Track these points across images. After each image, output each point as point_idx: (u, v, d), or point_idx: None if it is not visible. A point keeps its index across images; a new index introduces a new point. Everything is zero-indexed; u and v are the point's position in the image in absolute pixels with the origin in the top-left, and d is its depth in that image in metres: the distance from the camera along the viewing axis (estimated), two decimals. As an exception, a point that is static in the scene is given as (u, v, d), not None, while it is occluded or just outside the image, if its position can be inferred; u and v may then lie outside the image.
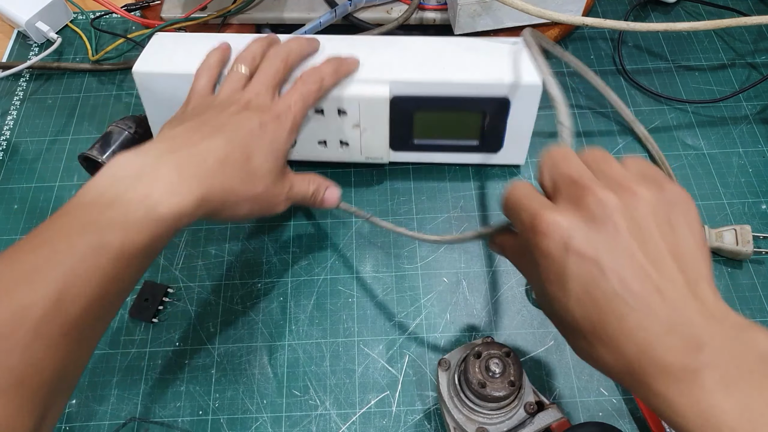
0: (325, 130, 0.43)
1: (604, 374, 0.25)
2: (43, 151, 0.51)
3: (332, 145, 0.44)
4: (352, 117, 0.42)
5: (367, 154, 0.45)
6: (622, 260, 0.23)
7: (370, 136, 0.43)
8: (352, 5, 0.52)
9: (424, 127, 0.44)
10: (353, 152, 0.44)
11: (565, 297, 0.24)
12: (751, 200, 0.46)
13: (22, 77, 0.56)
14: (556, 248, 0.24)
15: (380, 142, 0.44)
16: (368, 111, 0.42)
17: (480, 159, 0.47)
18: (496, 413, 0.32)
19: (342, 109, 0.41)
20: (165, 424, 0.38)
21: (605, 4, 0.59)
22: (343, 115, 0.42)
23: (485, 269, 0.44)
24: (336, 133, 0.43)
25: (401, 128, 0.43)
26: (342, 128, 0.43)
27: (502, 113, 0.42)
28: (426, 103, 0.42)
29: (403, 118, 0.43)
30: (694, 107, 0.52)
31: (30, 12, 0.56)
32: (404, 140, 0.44)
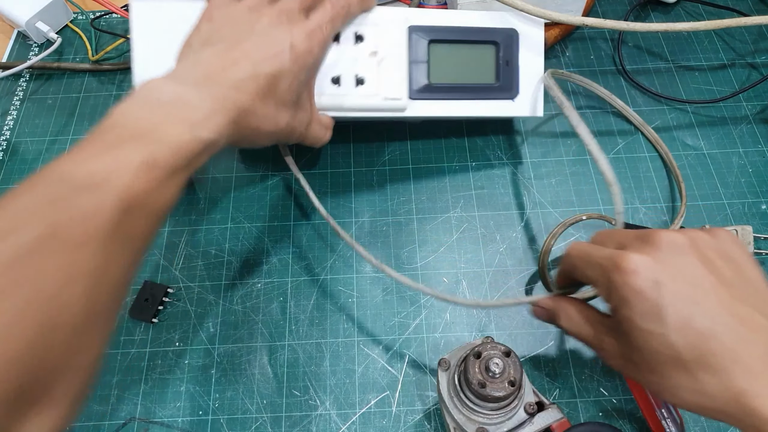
0: (340, 63, 0.40)
1: (703, 412, 0.25)
2: (43, 151, 0.51)
3: (347, 83, 0.40)
4: (369, 43, 0.40)
5: (385, 94, 0.41)
6: (710, 290, 0.25)
7: (389, 67, 0.41)
8: (352, 5, 0.52)
9: (440, 65, 0.43)
10: (369, 92, 0.40)
11: (665, 329, 0.25)
12: (751, 200, 0.46)
13: (22, 77, 0.56)
14: (646, 283, 0.26)
15: (399, 75, 0.41)
16: (387, 35, 0.41)
17: (500, 109, 0.44)
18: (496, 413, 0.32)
19: (360, 34, 0.40)
20: (165, 424, 0.38)
21: (605, 4, 0.59)
22: (359, 43, 0.40)
23: (485, 269, 0.44)
24: (351, 66, 0.40)
25: (418, 65, 0.42)
26: (358, 58, 0.40)
27: (513, 46, 0.44)
28: (441, 34, 0.42)
29: (419, 50, 0.42)
30: (694, 107, 0.52)
31: (30, 12, 0.56)
32: (421, 82, 0.42)
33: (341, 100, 0.40)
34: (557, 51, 0.55)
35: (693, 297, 0.25)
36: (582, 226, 0.45)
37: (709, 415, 0.26)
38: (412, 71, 0.42)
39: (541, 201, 0.47)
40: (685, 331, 0.25)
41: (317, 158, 0.49)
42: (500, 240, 0.45)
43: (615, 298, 0.27)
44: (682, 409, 0.28)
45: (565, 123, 0.51)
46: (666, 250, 0.27)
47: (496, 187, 0.48)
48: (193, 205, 0.47)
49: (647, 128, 0.49)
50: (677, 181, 0.46)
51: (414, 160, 0.49)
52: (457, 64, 0.43)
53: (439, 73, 0.43)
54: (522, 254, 0.44)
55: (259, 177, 0.48)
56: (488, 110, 0.44)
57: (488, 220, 0.46)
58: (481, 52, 0.44)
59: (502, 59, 0.44)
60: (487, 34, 0.43)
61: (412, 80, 0.42)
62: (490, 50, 0.44)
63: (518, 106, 0.44)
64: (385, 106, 0.41)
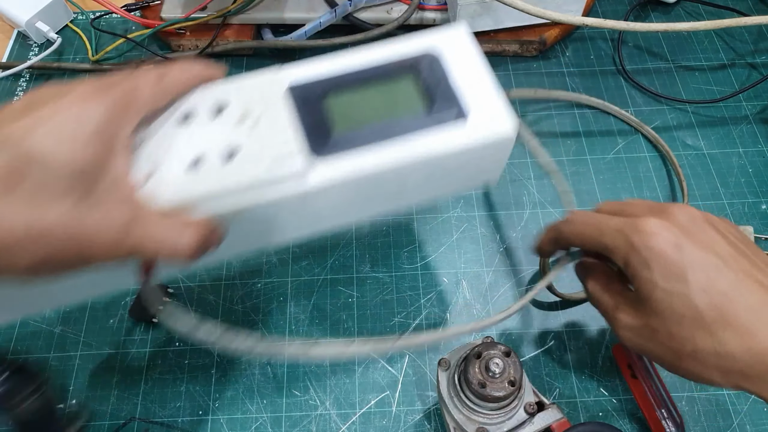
0: (197, 143, 0.28)
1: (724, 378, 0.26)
2: (43, 151, 0.51)
3: (211, 162, 0.27)
4: (234, 110, 0.29)
5: (271, 159, 0.28)
6: (729, 257, 0.26)
7: (269, 134, 0.28)
8: (352, 5, 0.52)
9: (344, 114, 0.30)
10: (247, 163, 0.27)
11: (688, 289, 0.26)
12: (751, 200, 0.46)
13: (22, 77, 0.56)
14: (668, 245, 0.26)
15: (285, 142, 0.28)
16: (258, 97, 0.29)
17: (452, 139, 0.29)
18: (496, 413, 0.32)
19: (219, 106, 0.29)
20: (165, 424, 0.38)
21: (605, 4, 0.59)
22: (220, 116, 0.29)
23: (485, 269, 0.44)
24: (214, 141, 0.28)
25: (313, 122, 0.30)
26: (222, 131, 0.28)
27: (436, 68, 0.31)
28: (336, 83, 0.31)
29: (311, 110, 0.30)
30: (694, 107, 0.52)
31: (30, 12, 0.56)
32: (323, 137, 0.29)
33: (206, 186, 0.27)
34: (557, 51, 0.55)
35: (714, 262, 0.26)
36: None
37: (729, 383, 0.26)
38: (305, 127, 0.29)
39: (541, 201, 0.47)
40: (709, 292, 0.25)
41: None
42: (500, 240, 0.45)
43: (635, 261, 0.27)
44: (701, 383, 0.27)
45: (565, 123, 0.51)
46: (683, 220, 0.27)
47: (496, 187, 0.48)
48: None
49: (646, 128, 0.49)
50: (679, 180, 0.46)
51: (414, 160, 0.49)
52: (371, 108, 0.31)
53: (347, 121, 0.30)
54: (522, 254, 0.44)
55: (259, 177, 0.48)
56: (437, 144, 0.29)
57: (488, 220, 0.46)
58: (396, 87, 0.31)
59: (428, 85, 0.31)
60: (398, 67, 0.31)
61: (307, 137, 0.29)
62: (409, 81, 0.31)
63: (476, 127, 0.30)
64: (276, 176, 0.27)
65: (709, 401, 0.38)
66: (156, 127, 0.28)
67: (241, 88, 0.29)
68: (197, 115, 0.29)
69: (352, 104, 0.31)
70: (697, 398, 0.39)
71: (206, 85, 0.29)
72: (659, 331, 0.27)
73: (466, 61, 0.31)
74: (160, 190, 0.27)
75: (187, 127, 0.28)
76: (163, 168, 0.27)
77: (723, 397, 0.39)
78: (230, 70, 0.55)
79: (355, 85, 0.31)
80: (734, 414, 0.38)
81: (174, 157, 0.27)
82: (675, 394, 0.38)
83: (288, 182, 0.28)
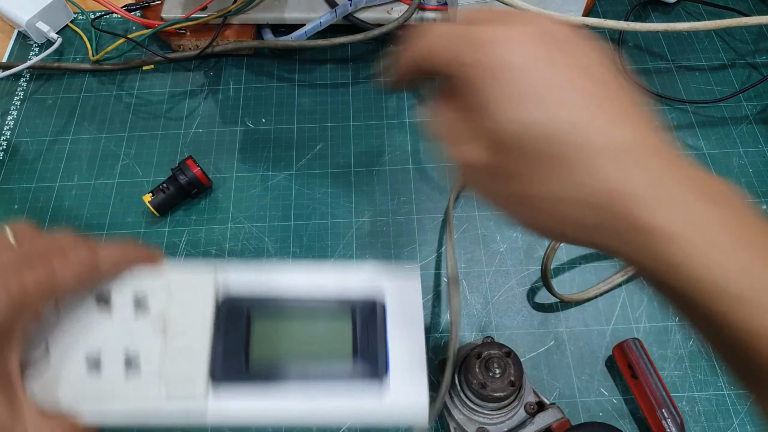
0: (105, 337, 0.27)
1: (573, 209, 0.21)
2: (43, 151, 0.51)
3: (111, 367, 0.26)
4: (154, 311, 0.27)
5: (170, 384, 0.26)
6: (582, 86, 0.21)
7: (179, 348, 0.27)
8: (352, 5, 0.52)
9: (267, 341, 0.28)
10: (145, 382, 0.26)
11: (543, 104, 0.20)
12: (751, 200, 0.46)
13: (22, 77, 0.56)
14: (517, 58, 0.21)
15: (194, 361, 0.27)
16: (184, 302, 0.28)
17: (358, 402, 0.27)
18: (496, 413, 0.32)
19: (141, 298, 0.28)
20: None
21: (605, 4, 0.59)
22: (140, 311, 0.27)
23: (485, 269, 0.44)
24: (122, 341, 0.27)
25: (230, 341, 0.28)
26: (134, 331, 0.27)
27: (375, 316, 0.29)
28: (270, 305, 0.29)
29: (234, 324, 0.28)
30: (694, 107, 0.52)
31: (30, 12, 0.56)
32: (235, 364, 0.27)
33: (101, 397, 0.26)
34: (557, 51, 0.55)
35: (567, 85, 0.21)
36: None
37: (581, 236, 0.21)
38: (219, 351, 0.27)
39: (541, 201, 0.47)
40: (568, 104, 0.20)
41: (317, 158, 0.49)
42: (500, 240, 0.45)
43: (477, 80, 0.21)
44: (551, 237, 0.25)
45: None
46: (538, 33, 0.22)
47: (497, 187, 0.47)
48: (193, 205, 0.47)
49: None
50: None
51: (414, 160, 0.49)
52: (294, 343, 0.29)
53: (262, 351, 0.28)
54: (522, 254, 0.44)
55: (260, 177, 0.49)
56: (341, 403, 0.27)
57: (488, 220, 0.46)
58: (328, 328, 0.29)
59: (360, 336, 0.29)
60: (338, 305, 0.29)
61: (216, 363, 0.27)
62: (343, 325, 0.29)
63: (390, 403, 0.27)
64: (173, 407, 0.26)
65: (710, 401, 0.38)
66: (69, 302, 0.27)
67: (170, 286, 0.28)
68: (115, 305, 0.27)
69: (276, 333, 0.29)
70: (698, 398, 0.39)
71: (137, 270, 0.28)
72: (505, 166, 0.22)
73: (408, 319, 0.29)
74: (56, 383, 0.26)
75: (101, 316, 0.27)
76: (65, 360, 0.26)
77: (723, 397, 0.39)
78: (231, 70, 0.55)
79: (287, 312, 0.29)
80: (734, 414, 0.38)
81: (78, 350, 0.26)
82: (675, 394, 0.38)
83: (184, 413, 0.26)
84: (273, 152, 0.50)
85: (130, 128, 0.52)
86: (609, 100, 0.21)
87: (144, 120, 0.52)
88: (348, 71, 0.55)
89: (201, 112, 0.53)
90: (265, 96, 0.53)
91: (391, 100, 0.53)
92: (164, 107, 0.53)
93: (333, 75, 0.55)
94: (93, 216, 0.47)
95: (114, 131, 0.52)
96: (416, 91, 0.29)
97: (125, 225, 0.46)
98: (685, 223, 0.19)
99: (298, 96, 0.53)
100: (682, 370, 0.40)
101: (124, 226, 0.46)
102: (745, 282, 0.18)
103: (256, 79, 0.55)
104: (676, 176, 0.20)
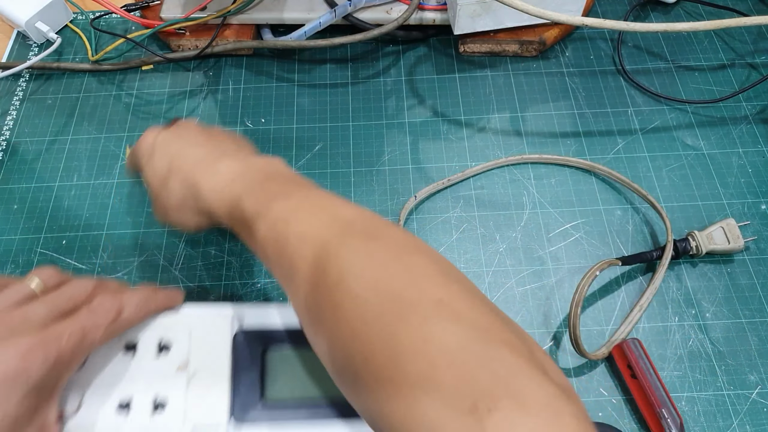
0: (134, 381, 0.29)
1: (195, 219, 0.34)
2: (43, 151, 0.51)
3: (140, 410, 0.29)
4: (177, 354, 0.30)
5: (195, 420, 0.29)
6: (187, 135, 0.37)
7: (203, 385, 0.29)
8: (351, 5, 0.52)
9: (281, 376, 0.31)
10: (172, 421, 0.28)
11: (154, 160, 0.36)
12: (751, 200, 0.46)
13: (21, 77, 0.56)
14: (145, 140, 0.37)
15: (218, 393, 0.29)
16: (203, 343, 0.30)
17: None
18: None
19: (164, 344, 0.30)
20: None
21: (605, 4, 0.59)
22: (163, 354, 0.30)
23: (485, 269, 0.44)
24: (150, 385, 0.29)
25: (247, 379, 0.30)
26: (159, 375, 0.29)
27: None
28: (283, 339, 0.31)
29: (249, 360, 0.31)
30: (694, 107, 0.52)
31: (30, 12, 0.56)
32: (252, 400, 0.30)
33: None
34: (557, 51, 0.55)
35: (170, 141, 0.36)
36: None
37: (202, 222, 0.34)
38: (238, 387, 0.30)
39: (541, 201, 0.47)
40: (167, 159, 0.35)
41: (317, 159, 0.49)
42: (500, 240, 0.45)
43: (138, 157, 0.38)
44: (189, 230, 0.35)
45: (565, 123, 0.51)
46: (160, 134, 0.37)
47: (496, 187, 0.48)
48: (192, 205, 0.47)
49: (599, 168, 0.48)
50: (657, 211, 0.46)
51: (414, 160, 0.49)
52: (308, 374, 0.31)
53: (280, 386, 0.31)
54: (522, 254, 0.44)
55: (259, 177, 0.48)
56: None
57: (488, 220, 0.46)
58: None
59: None
60: None
61: (237, 399, 0.30)
62: None
63: None
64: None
65: (709, 401, 0.38)
66: (98, 351, 0.30)
67: (190, 327, 0.31)
68: (140, 349, 0.30)
69: (292, 366, 0.31)
70: (697, 398, 0.39)
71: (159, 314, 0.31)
72: (157, 198, 0.35)
73: None
74: (89, 424, 0.28)
75: (129, 360, 0.30)
76: (96, 403, 0.29)
77: (723, 397, 0.39)
78: (230, 70, 0.55)
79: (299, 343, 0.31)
80: (734, 414, 0.38)
81: (109, 393, 0.29)
82: (675, 394, 0.38)
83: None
84: (272, 152, 0.50)
85: (130, 128, 0.52)
86: (205, 141, 0.36)
87: (143, 120, 0.52)
88: (347, 71, 0.55)
89: (200, 112, 0.53)
90: (264, 96, 0.53)
91: (391, 100, 0.53)
92: (164, 107, 0.53)
93: (332, 75, 0.55)
94: (92, 216, 0.47)
95: (113, 131, 0.52)
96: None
97: (125, 225, 0.46)
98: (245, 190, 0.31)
99: (297, 96, 0.53)
100: (681, 370, 0.40)
101: (124, 226, 0.46)
102: (253, 202, 0.30)
103: (256, 79, 0.55)
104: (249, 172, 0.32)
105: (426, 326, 0.22)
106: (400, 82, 0.54)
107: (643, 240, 0.45)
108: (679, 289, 0.42)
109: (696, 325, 0.41)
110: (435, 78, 0.54)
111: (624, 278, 0.43)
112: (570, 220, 0.46)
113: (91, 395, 0.29)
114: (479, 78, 0.54)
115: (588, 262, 0.44)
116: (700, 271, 0.43)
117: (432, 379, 0.21)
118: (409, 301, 0.23)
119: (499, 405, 0.19)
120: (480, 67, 0.55)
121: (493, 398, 0.20)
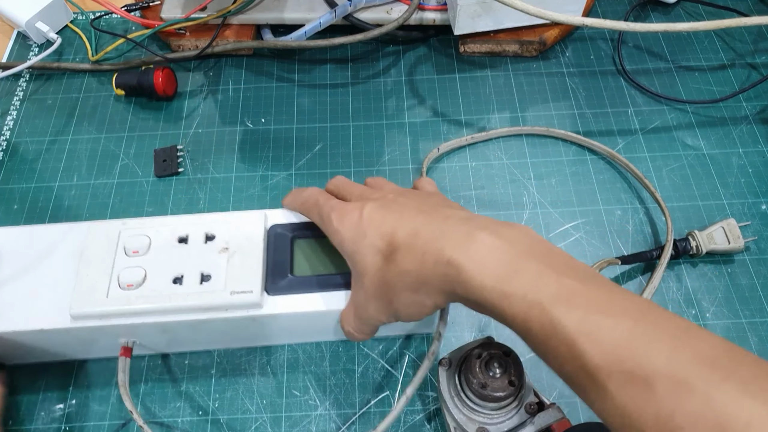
0: (185, 263, 0.36)
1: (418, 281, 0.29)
2: (43, 151, 0.51)
3: (190, 282, 0.36)
4: (220, 241, 0.37)
5: (233, 288, 0.35)
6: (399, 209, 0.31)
7: (240, 262, 0.36)
8: (352, 6, 0.52)
9: (304, 258, 0.38)
10: (215, 288, 0.35)
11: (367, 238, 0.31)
12: (751, 200, 0.46)
13: (22, 77, 0.56)
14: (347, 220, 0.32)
15: (252, 269, 0.36)
16: (242, 233, 0.37)
17: None
18: (496, 413, 0.32)
19: (211, 234, 0.37)
20: (165, 425, 0.38)
21: (605, 4, 0.59)
22: (209, 242, 0.37)
23: (485, 269, 0.44)
24: (197, 264, 0.36)
25: (279, 260, 0.37)
26: (205, 256, 0.37)
27: None
28: (306, 231, 0.38)
29: (280, 247, 0.38)
30: (694, 107, 0.52)
31: (30, 12, 0.56)
32: (283, 276, 0.37)
33: (181, 301, 0.35)
34: (557, 51, 0.55)
35: (382, 211, 0.31)
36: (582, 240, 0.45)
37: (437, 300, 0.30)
38: (271, 266, 0.37)
39: (541, 201, 0.47)
40: (382, 233, 0.30)
41: (317, 159, 0.49)
42: (500, 240, 0.45)
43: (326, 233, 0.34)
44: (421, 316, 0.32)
45: (565, 123, 0.51)
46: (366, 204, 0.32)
47: (496, 187, 0.48)
48: (193, 205, 0.47)
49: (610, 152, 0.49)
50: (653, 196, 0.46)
51: (414, 160, 0.49)
52: (323, 256, 0.38)
53: (303, 265, 0.38)
54: (522, 254, 0.44)
55: (259, 177, 0.48)
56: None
57: (488, 220, 0.46)
58: None
59: None
60: None
61: (270, 274, 0.37)
62: None
63: None
64: (235, 303, 0.35)
65: (710, 401, 0.38)
66: (157, 242, 0.37)
67: (232, 224, 0.38)
68: (190, 241, 0.37)
69: (312, 251, 0.38)
70: (698, 398, 0.38)
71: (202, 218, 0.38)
72: (360, 279, 0.32)
73: None
74: (151, 290, 0.35)
75: (185, 247, 0.37)
76: (157, 276, 0.36)
77: (723, 397, 0.39)
78: (230, 70, 0.55)
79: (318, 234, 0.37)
80: (734, 414, 0.38)
81: (166, 270, 0.36)
82: (675, 394, 0.38)
83: (245, 311, 0.36)
84: (272, 152, 0.50)
85: (130, 128, 0.52)
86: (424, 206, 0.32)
87: (143, 120, 0.52)
88: (347, 71, 0.55)
89: (200, 112, 0.53)
90: (264, 96, 0.53)
91: (391, 100, 0.53)
92: (163, 107, 0.53)
93: (332, 75, 0.55)
94: (92, 216, 0.47)
95: (113, 131, 0.52)
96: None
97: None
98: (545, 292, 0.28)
99: (297, 96, 0.53)
100: (682, 370, 0.39)
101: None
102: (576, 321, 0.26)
103: (256, 79, 0.55)
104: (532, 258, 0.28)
105: None
106: (400, 82, 0.54)
107: (643, 240, 0.45)
108: (679, 289, 0.43)
109: (696, 325, 0.41)
110: (435, 78, 0.54)
111: (624, 278, 0.43)
112: (570, 220, 0.46)
113: (152, 272, 0.36)
114: (479, 78, 0.54)
115: (588, 261, 0.44)
116: (700, 271, 0.43)
117: None
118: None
119: None
120: (480, 67, 0.55)
121: None
